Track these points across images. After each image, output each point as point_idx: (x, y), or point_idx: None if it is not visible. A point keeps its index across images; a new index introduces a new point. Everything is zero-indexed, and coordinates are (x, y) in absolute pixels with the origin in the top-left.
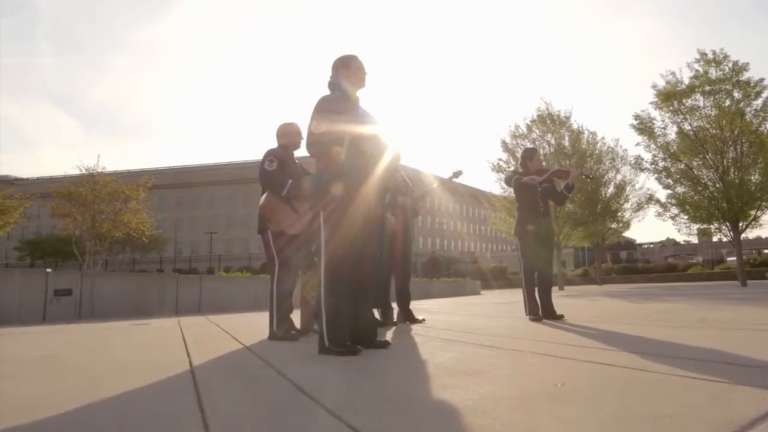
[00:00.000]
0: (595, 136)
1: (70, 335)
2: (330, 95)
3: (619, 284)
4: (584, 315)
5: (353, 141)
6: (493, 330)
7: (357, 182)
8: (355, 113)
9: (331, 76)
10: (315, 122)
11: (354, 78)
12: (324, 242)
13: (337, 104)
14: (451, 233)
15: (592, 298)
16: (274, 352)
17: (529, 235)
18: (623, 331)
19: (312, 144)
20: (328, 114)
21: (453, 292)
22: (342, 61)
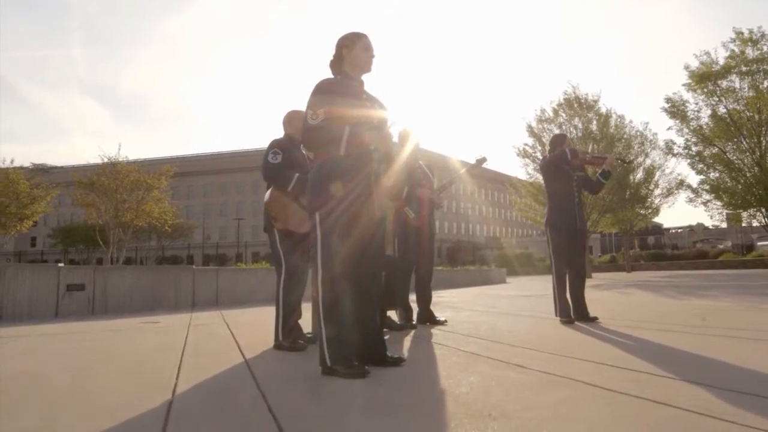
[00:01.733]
0: (624, 119)
1: (65, 340)
2: (329, 78)
3: (648, 271)
4: (619, 315)
5: (355, 131)
6: (521, 338)
7: (360, 178)
8: (358, 99)
9: (334, 55)
10: (311, 111)
11: (358, 60)
12: (320, 248)
13: (338, 88)
14: (476, 218)
15: (624, 290)
16: (274, 372)
17: (562, 228)
18: (673, 344)
19: (308, 137)
20: (327, 100)
21: (478, 281)
22: (347, 40)
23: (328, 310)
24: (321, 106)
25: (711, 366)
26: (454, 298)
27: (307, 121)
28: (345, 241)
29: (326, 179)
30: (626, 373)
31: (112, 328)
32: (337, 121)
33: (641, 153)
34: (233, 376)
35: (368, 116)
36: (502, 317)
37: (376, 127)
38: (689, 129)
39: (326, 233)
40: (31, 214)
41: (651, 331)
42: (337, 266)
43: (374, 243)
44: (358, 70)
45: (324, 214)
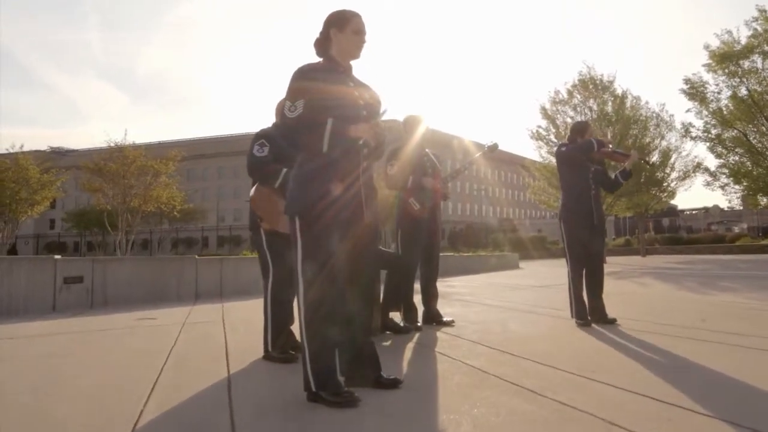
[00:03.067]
0: (639, 100)
1: (49, 344)
2: (310, 64)
3: (663, 256)
4: (640, 315)
5: (341, 123)
6: (534, 348)
7: (347, 178)
8: (344, 86)
9: (321, 33)
10: (289, 101)
11: (347, 44)
12: (301, 258)
13: (321, 74)
14: (489, 199)
15: (640, 280)
16: (255, 394)
17: (578, 224)
18: (706, 361)
19: (287, 131)
20: (308, 89)
21: (490, 266)
22: (337, 19)
23: (310, 327)
24: (301, 96)
25: (758, 398)
26: (465, 287)
27: (284, 114)
28: (331, 250)
29: (307, 179)
30: (655, 405)
31: (103, 327)
32: (319, 113)
33: (657, 135)
34: (209, 398)
35: (355, 106)
36: (515, 316)
37: (365, 118)
38: (708, 111)
39: (308, 241)
40: (42, 199)
41: (678, 339)
42: (321, 278)
43: (365, 252)
44: (346, 55)
45: (305, 220)
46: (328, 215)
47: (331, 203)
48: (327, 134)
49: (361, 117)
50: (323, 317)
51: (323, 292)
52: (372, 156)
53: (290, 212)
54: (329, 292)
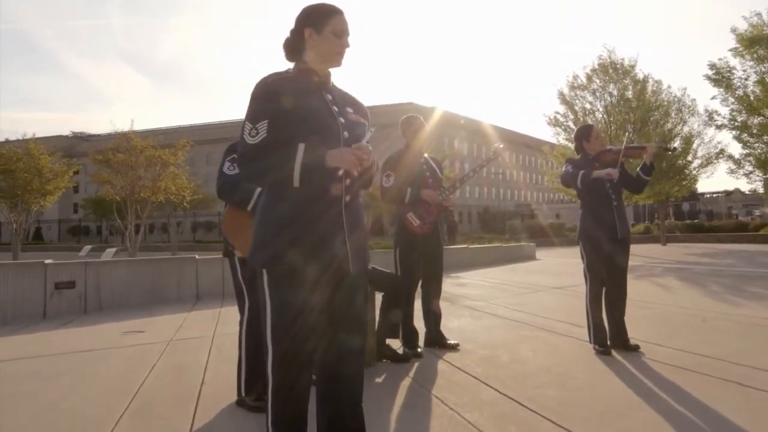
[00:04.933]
0: (661, 84)
1: (7, 375)
2: (276, 75)
3: (684, 244)
4: (664, 336)
5: (315, 150)
6: (545, 392)
7: (326, 218)
8: (319, 102)
9: (292, 33)
10: (249, 124)
11: (326, 48)
12: (270, 319)
13: (288, 87)
14: (507, 183)
15: (662, 281)
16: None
17: (600, 241)
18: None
19: (246, 162)
20: (272, 108)
21: (506, 258)
22: (314, 15)
23: (279, 407)
24: (264, 116)
25: None
26: (477, 287)
27: (244, 140)
28: (307, 311)
29: (275, 221)
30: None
31: (83, 346)
32: (288, 136)
33: (679, 121)
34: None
35: (334, 126)
36: (528, 336)
37: (347, 141)
38: (734, 98)
39: (278, 301)
40: (54, 189)
41: (716, 383)
42: (294, 344)
43: (350, 310)
44: (324, 62)
45: (274, 274)
46: (303, 267)
47: (307, 251)
48: (297, 164)
49: (341, 140)
50: (296, 398)
51: (297, 365)
52: (357, 187)
53: (255, 264)
54: (305, 363)
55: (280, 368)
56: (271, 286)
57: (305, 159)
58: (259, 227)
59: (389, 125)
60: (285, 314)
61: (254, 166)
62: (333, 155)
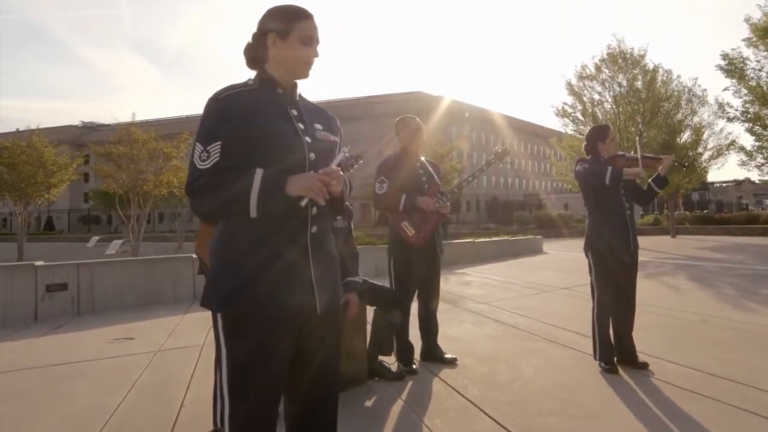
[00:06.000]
0: (671, 74)
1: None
2: (230, 89)
3: (694, 237)
4: (675, 351)
5: (274, 176)
6: (546, 421)
7: (289, 253)
8: (283, 118)
9: (254, 38)
10: (199, 146)
11: (291, 57)
12: (228, 367)
13: (249, 102)
14: (516, 172)
15: (671, 281)
16: None
17: (611, 254)
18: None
19: (196, 191)
20: (224, 129)
21: (513, 251)
22: (278, 19)
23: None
24: (216, 137)
25: None
26: (482, 285)
27: (193, 164)
28: (267, 356)
29: (230, 259)
30: None
31: (66, 357)
32: (243, 161)
33: (690, 112)
34: None
35: (298, 148)
36: (531, 349)
37: (315, 165)
38: (747, 89)
39: (236, 346)
40: (58, 182)
41: (729, 411)
42: (254, 398)
43: (318, 355)
44: (289, 73)
45: (230, 317)
46: (262, 310)
47: (266, 292)
48: (254, 192)
49: (306, 163)
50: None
51: (257, 423)
52: (325, 216)
53: (208, 307)
54: (267, 419)
55: (239, 426)
56: (227, 331)
57: (263, 187)
58: (212, 264)
59: (397, 114)
60: (243, 364)
61: (204, 196)
62: (295, 182)
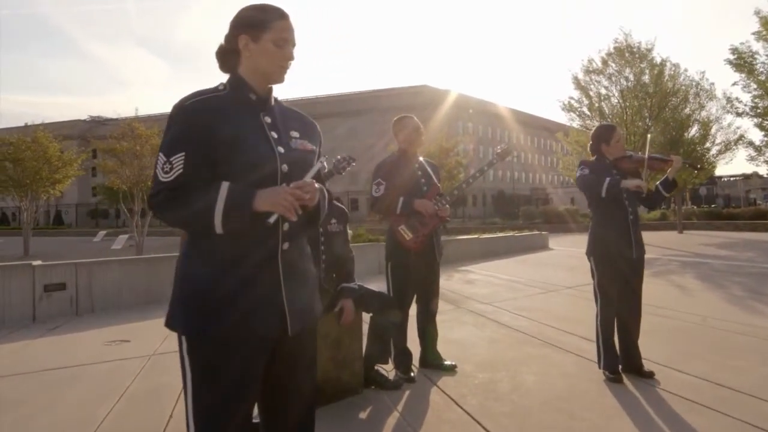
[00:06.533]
0: (678, 68)
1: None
2: (198, 95)
3: (701, 232)
4: (682, 358)
5: (241, 191)
6: (551, 428)
7: (259, 272)
8: (255, 126)
9: (226, 39)
10: (163, 157)
11: (265, 61)
12: (191, 395)
13: (217, 110)
14: (522, 166)
15: (678, 279)
16: None
17: (613, 259)
18: None
19: (159, 204)
20: (187, 139)
21: (518, 247)
22: (250, 19)
23: None
24: (180, 147)
25: None
26: (486, 283)
27: (156, 176)
28: (233, 384)
29: (194, 278)
30: None
31: (58, 362)
32: (209, 173)
33: (697, 106)
34: None
35: (267, 158)
36: (533, 356)
37: (288, 177)
38: (756, 83)
39: (199, 372)
40: (63, 178)
41: (738, 427)
42: (221, 425)
43: (290, 381)
44: (262, 77)
45: (195, 341)
46: (227, 334)
47: (231, 315)
48: (219, 209)
49: (278, 175)
50: None
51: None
52: (300, 231)
53: (172, 328)
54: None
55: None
56: (191, 355)
57: (229, 202)
58: (176, 281)
59: (403, 108)
60: (207, 391)
61: (166, 211)
62: (264, 197)
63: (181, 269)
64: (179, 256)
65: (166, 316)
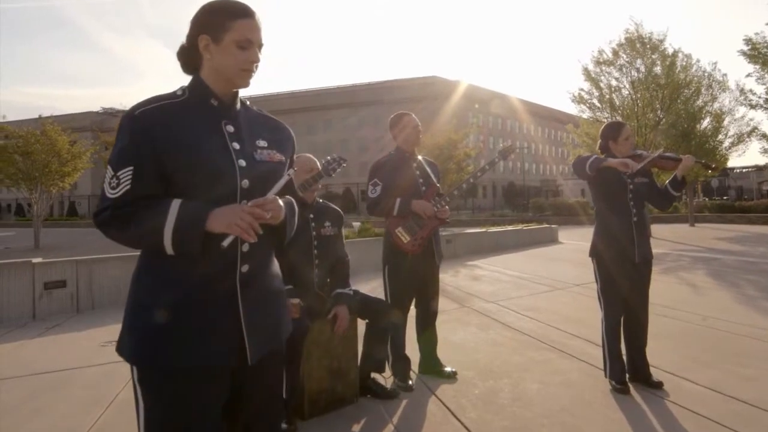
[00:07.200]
0: (690, 59)
1: None
2: (157, 98)
3: (713, 225)
4: (694, 365)
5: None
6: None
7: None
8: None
9: (188, 38)
10: (110, 171)
11: (227, 63)
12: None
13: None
14: (533, 157)
15: (689, 277)
16: None
17: (615, 261)
18: None
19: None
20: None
21: (527, 241)
22: (210, 17)
23: None
24: (129, 160)
25: None
26: (492, 280)
27: (103, 191)
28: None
29: (143, 302)
30: None
31: (48, 367)
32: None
33: (710, 98)
34: None
35: (226, 172)
36: (537, 362)
37: (248, 193)
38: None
39: (151, 402)
40: (72, 171)
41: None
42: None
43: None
44: (224, 81)
45: (146, 370)
46: (180, 363)
47: (182, 343)
48: (168, 228)
49: (237, 191)
50: None
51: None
52: (262, 252)
53: (121, 354)
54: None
55: None
56: (142, 385)
57: (179, 222)
58: (127, 304)
59: (413, 99)
60: (158, 426)
61: (111, 230)
62: (218, 216)
63: (131, 293)
64: (132, 278)
65: (117, 340)
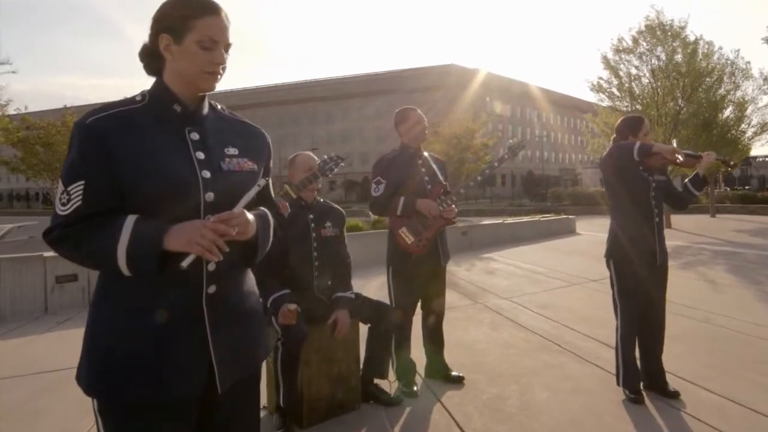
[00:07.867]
0: (712, 46)
1: None
2: (112, 104)
3: (735, 216)
4: (711, 371)
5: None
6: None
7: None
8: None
9: (151, 38)
10: (63, 185)
11: (189, 65)
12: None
13: (124, 123)
14: (552, 146)
15: (708, 272)
16: None
17: (634, 264)
18: None
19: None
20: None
21: (545, 232)
22: (171, 15)
23: None
24: (77, 176)
25: None
26: (507, 275)
27: (54, 210)
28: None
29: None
30: None
31: (50, 365)
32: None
33: (732, 87)
34: None
35: (187, 184)
36: (548, 367)
37: (213, 206)
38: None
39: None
40: None
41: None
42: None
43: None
44: (187, 85)
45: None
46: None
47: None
48: (122, 247)
49: (201, 205)
50: None
51: None
52: (232, 270)
53: (80, 385)
54: None
55: None
56: (103, 417)
57: (133, 240)
58: (86, 331)
59: (430, 89)
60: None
61: (62, 250)
62: (176, 234)
63: (88, 318)
64: (90, 300)
65: (77, 367)
